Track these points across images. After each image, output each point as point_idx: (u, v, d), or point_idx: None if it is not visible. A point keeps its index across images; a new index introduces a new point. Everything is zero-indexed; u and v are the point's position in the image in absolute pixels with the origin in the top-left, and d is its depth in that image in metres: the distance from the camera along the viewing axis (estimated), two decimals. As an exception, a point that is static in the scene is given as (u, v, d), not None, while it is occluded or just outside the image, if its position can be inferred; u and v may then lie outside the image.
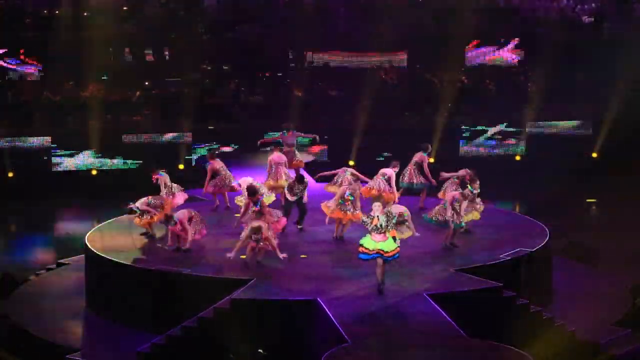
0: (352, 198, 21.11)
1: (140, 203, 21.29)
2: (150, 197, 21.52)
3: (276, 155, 23.52)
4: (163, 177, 22.43)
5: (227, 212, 23.41)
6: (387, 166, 23.01)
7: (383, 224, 17.64)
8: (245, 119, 34.15)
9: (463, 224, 20.64)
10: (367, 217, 17.80)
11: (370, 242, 17.79)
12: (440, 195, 22.52)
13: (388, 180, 22.56)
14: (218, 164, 23.64)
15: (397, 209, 19.91)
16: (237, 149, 32.96)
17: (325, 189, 22.98)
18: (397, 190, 22.71)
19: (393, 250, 17.78)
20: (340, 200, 21.18)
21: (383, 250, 17.70)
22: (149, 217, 21.30)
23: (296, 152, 24.62)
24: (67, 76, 35.05)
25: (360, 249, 17.90)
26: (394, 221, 18.00)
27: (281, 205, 22.24)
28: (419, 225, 20.70)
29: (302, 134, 25.40)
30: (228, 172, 23.66)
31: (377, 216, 17.66)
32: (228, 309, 17.97)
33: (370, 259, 17.89)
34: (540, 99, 34.39)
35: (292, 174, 23.11)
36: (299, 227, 22.09)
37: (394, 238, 17.88)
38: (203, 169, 24.52)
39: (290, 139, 24.40)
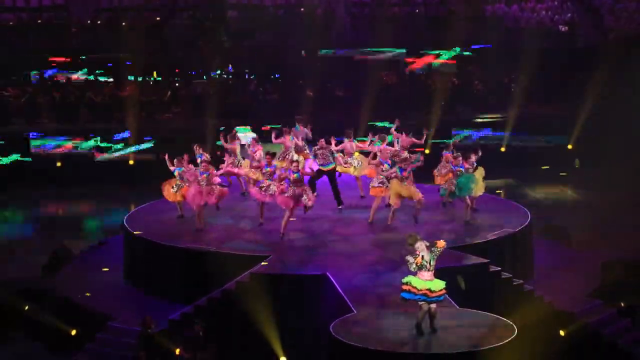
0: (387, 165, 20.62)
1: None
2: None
3: (287, 139, 22.89)
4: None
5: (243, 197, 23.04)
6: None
7: (429, 261, 15.20)
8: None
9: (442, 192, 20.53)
10: (411, 257, 15.24)
11: (419, 282, 15.18)
12: (437, 179, 22.33)
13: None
14: (234, 145, 22.85)
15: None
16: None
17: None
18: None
19: (440, 291, 15.27)
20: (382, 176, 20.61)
21: (430, 290, 15.18)
22: (180, 190, 21.10)
23: (305, 145, 23.80)
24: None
25: (406, 287, 15.25)
26: (438, 254, 15.28)
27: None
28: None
29: (309, 132, 23.95)
30: (239, 156, 22.76)
31: (423, 255, 15.19)
32: (248, 282, 17.99)
33: (413, 299, 15.29)
34: (522, 98, 34.27)
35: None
36: (340, 207, 21.90)
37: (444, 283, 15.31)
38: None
39: (302, 134, 23.69)
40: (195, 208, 20.43)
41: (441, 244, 15.24)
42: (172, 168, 21.18)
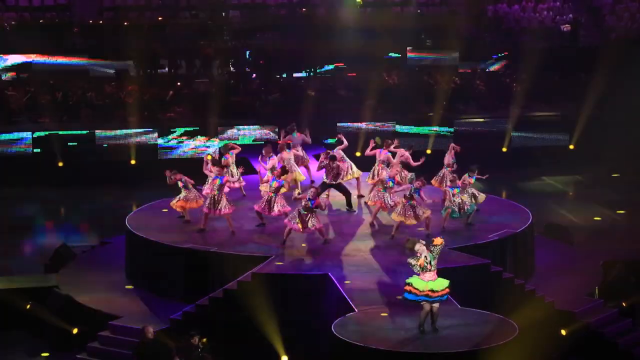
0: (392, 184, 20.43)
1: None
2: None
3: (285, 153, 22.65)
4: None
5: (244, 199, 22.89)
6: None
7: (430, 261, 15.40)
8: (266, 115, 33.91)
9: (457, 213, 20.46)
10: (413, 259, 15.42)
11: (421, 283, 15.36)
12: (434, 183, 22.31)
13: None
14: (231, 159, 22.56)
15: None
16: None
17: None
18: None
19: (443, 290, 15.47)
20: (382, 189, 20.45)
21: (432, 291, 15.35)
22: (183, 199, 21.06)
23: (302, 151, 23.64)
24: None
25: (408, 288, 15.46)
26: (438, 253, 15.49)
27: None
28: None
29: (306, 136, 23.79)
30: (235, 169, 22.30)
31: (425, 256, 15.38)
32: (250, 282, 17.99)
33: (416, 300, 15.45)
34: (523, 98, 34.24)
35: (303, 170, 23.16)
36: (348, 209, 21.82)
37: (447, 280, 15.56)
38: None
39: (297, 140, 23.42)
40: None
41: (438, 240, 15.52)
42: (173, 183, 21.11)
